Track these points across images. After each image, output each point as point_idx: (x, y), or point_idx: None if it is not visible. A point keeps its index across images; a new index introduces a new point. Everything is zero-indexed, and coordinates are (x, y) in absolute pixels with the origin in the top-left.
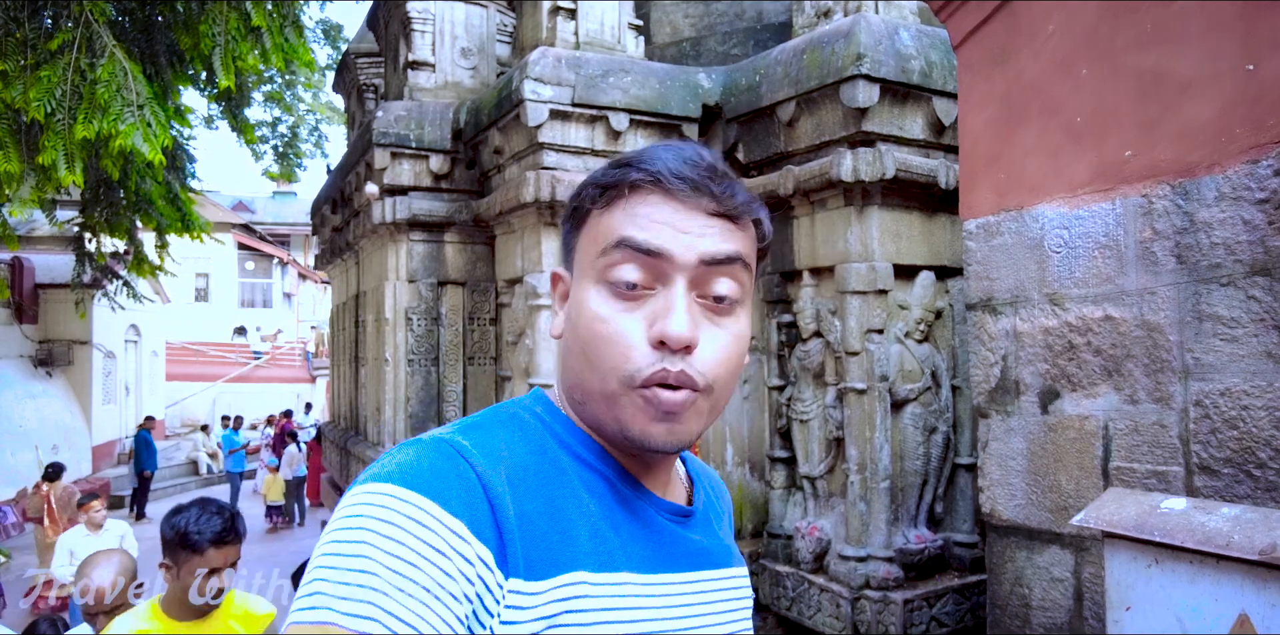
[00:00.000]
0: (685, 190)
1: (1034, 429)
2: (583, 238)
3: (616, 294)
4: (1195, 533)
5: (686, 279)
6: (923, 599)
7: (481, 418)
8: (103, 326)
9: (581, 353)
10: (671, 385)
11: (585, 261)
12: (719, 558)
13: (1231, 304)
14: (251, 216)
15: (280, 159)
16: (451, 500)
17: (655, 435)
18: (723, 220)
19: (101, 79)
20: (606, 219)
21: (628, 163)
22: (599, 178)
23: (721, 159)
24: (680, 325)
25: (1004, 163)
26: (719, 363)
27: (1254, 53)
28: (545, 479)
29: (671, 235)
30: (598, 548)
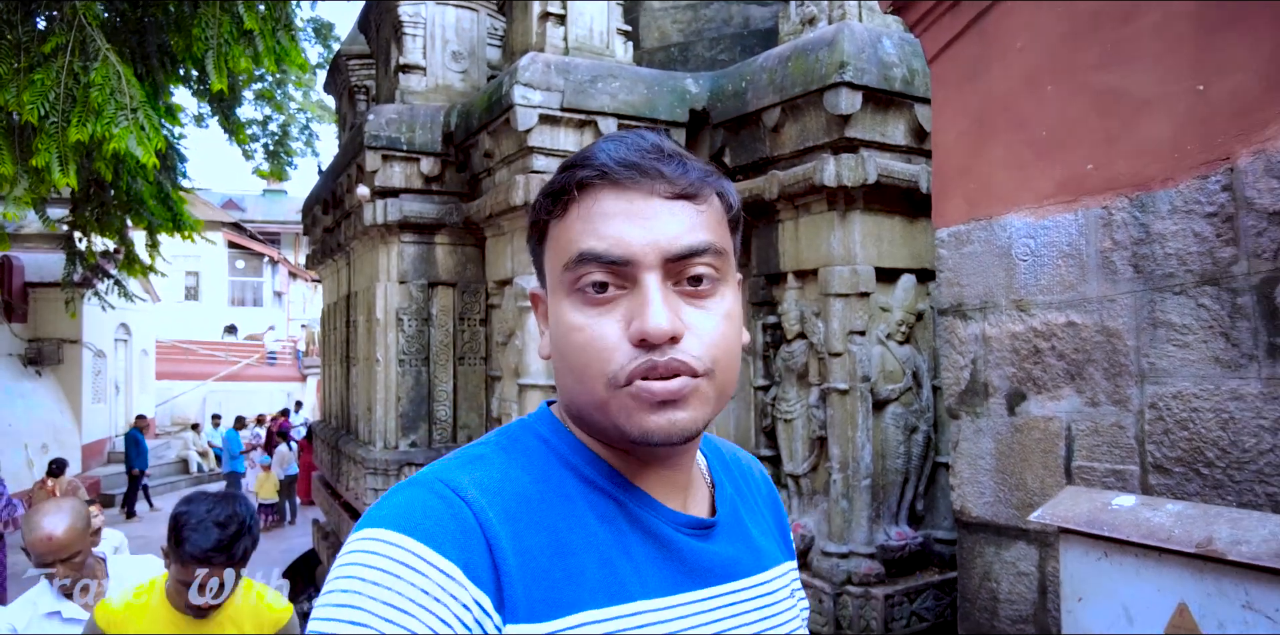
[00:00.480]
0: (635, 177)
1: (1001, 430)
2: (548, 252)
3: (588, 301)
4: (1141, 528)
5: (658, 273)
6: (903, 594)
7: (484, 446)
8: (93, 325)
9: (567, 367)
10: (662, 376)
11: (554, 277)
12: (747, 566)
13: (1183, 312)
14: (242, 215)
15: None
16: (445, 543)
17: (654, 428)
18: (682, 201)
19: (95, 82)
20: (564, 229)
21: (572, 163)
22: (548, 186)
23: (668, 139)
24: (659, 318)
25: (974, 174)
26: (713, 344)
27: (1204, 75)
28: (549, 510)
29: (631, 231)
30: (607, 579)
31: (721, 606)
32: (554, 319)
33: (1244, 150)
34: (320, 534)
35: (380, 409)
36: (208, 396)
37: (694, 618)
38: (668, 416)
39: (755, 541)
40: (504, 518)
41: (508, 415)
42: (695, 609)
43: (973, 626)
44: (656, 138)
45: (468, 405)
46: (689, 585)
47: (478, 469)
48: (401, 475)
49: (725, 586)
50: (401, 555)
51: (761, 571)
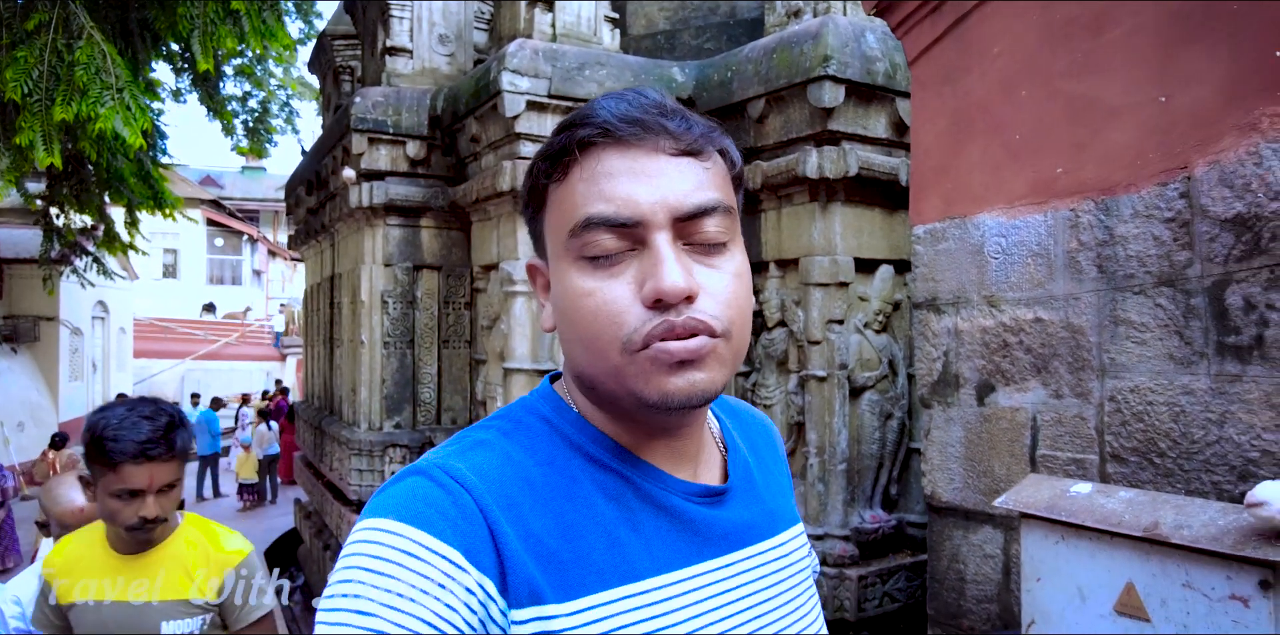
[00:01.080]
0: (639, 133)
1: (971, 419)
2: (548, 219)
3: (597, 265)
4: (1095, 513)
5: (668, 232)
6: (876, 575)
7: (486, 431)
8: (70, 302)
9: (575, 335)
10: (679, 336)
11: (557, 244)
12: (762, 529)
13: (1142, 310)
14: (220, 192)
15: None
16: (446, 530)
17: (675, 391)
18: (687, 158)
19: (79, 61)
20: (566, 192)
21: (570, 122)
22: (545, 148)
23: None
24: (674, 276)
25: (950, 174)
26: (728, 303)
27: (1167, 86)
28: (554, 492)
29: (639, 190)
30: (615, 559)
31: (736, 574)
32: (559, 288)
33: (1200, 160)
34: (302, 513)
35: (365, 390)
36: (186, 375)
37: (709, 588)
38: (687, 378)
39: (768, 504)
40: (506, 503)
41: (492, 399)
42: (710, 579)
43: (941, 606)
44: (657, 94)
45: (452, 388)
46: (703, 555)
47: (479, 454)
48: (386, 456)
49: (741, 552)
50: (402, 543)
51: (776, 534)
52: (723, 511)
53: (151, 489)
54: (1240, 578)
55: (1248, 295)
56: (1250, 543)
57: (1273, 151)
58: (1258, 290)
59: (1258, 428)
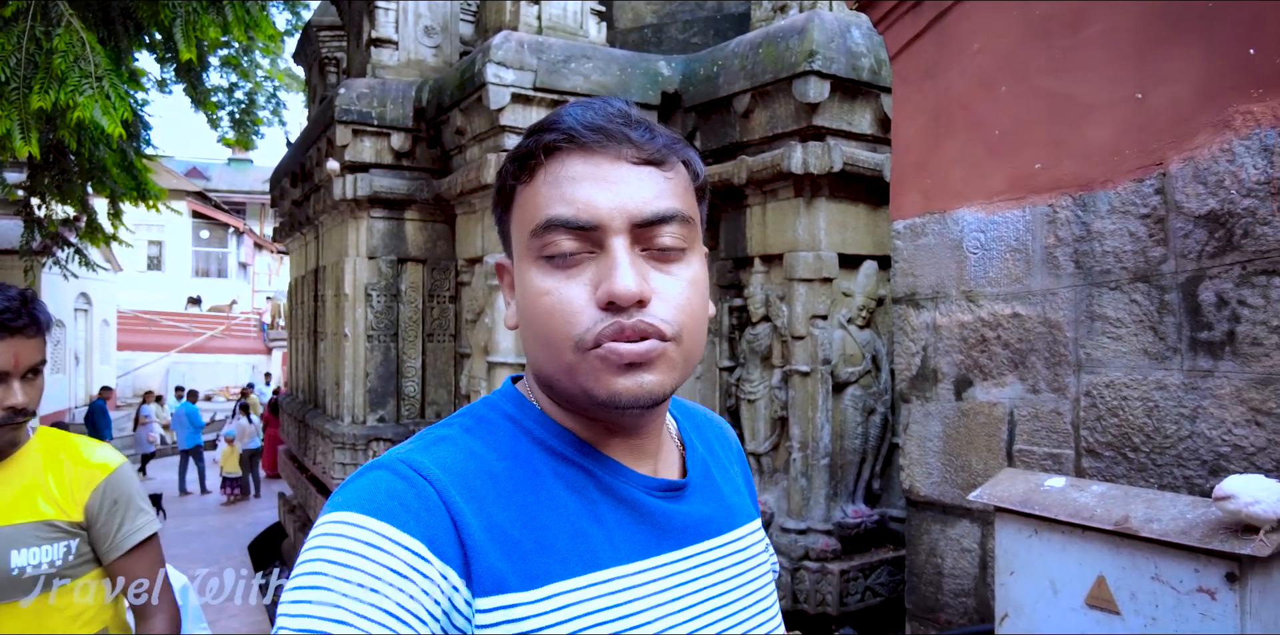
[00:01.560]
0: (601, 141)
1: (949, 414)
2: (514, 218)
3: (555, 265)
4: (1068, 507)
5: (626, 237)
6: (858, 570)
7: (448, 427)
8: (51, 294)
9: (533, 333)
10: (629, 339)
11: (520, 244)
12: (720, 524)
13: (1117, 306)
14: (206, 184)
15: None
16: (409, 521)
17: (622, 391)
18: (649, 167)
19: (58, 48)
20: (531, 194)
21: (538, 128)
22: (514, 151)
23: (634, 107)
24: (626, 281)
25: (931, 169)
26: (680, 308)
27: (1143, 83)
28: (517, 485)
29: (599, 195)
30: (579, 548)
31: (696, 566)
32: (521, 286)
33: (1175, 157)
34: (286, 507)
35: (349, 384)
36: (171, 368)
37: (669, 579)
38: (635, 379)
39: (727, 499)
40: (468, 495)
41: (476, 393)
42: (670, 570)
43: (919, 600)
44: (623, 104)
45: (436, 382)
46: (662, 547)
47: (441, 449)
48: (369, 450)
49: (699, 546)
50: (365, 535)
51: (733, 529)
52: (681, 506)
53: (17, 371)
54: (1208, 571)
55: (1220, 291)
56: (1218, 536)
57: (1246, 149)
58: (1230, 286)
59: (1228, 423)
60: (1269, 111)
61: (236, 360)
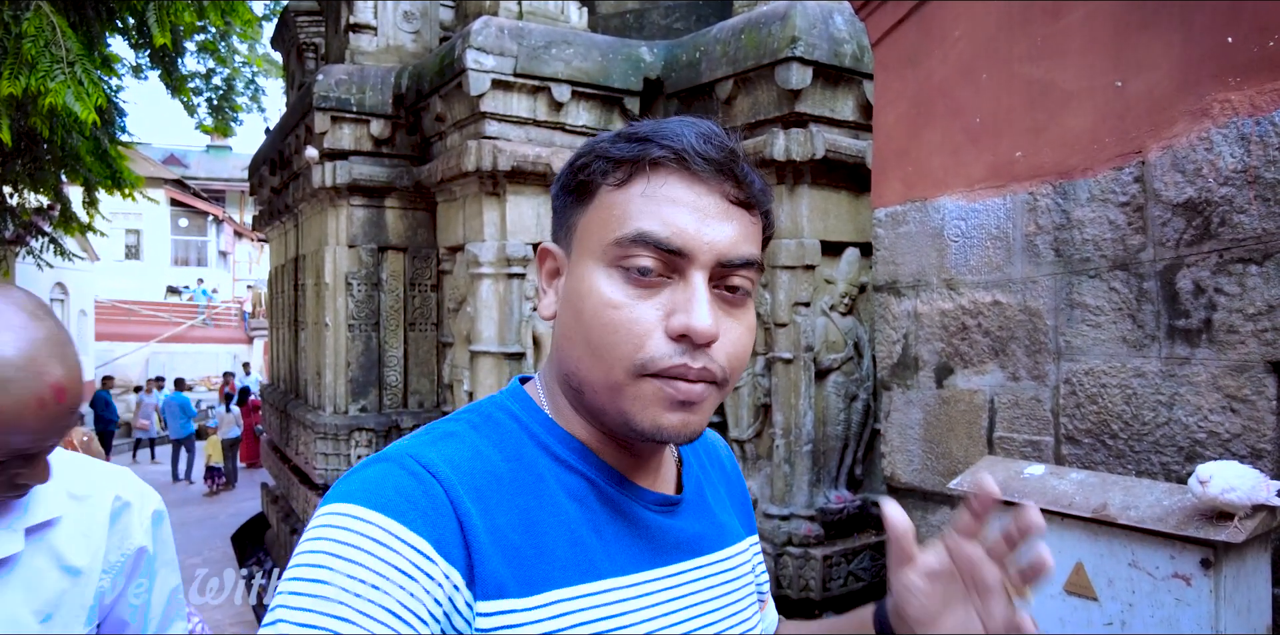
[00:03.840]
0: (709, 172)
1: (930, 401)
2: (590, 215)
3: (630, 280)
4: (1047, 494)
5: (707, 273)
6: (841, 555)
7: (455, 423)
8: (26, 284)
9: (585, 340)
10: (690, 378)
11: (593, 243)
12: (711, 542)
13: (1097, 294)
14: (185, 171)
15: (215, 112)
16: (416, 520)
17: (668, 426)
18: (741, 209)
19: (28, 33)
20: (621, 199)
21: (646, 137)
22: (612, 150)
23: (737, 141)
24: (705, 319)
25: (911, 157)
26: (735, 356)
27: (1122, 71)
28: (520, 488)
29: (695, 225)
30: (577, 557)
31: (686, 582)
32: (580, 286)
33: (1154, 145)
34: (269, 498)
35: (330, 374)
36: (150, 358)
37: (662, 594)
38: (682, 417)
39: (718, 517)
40: (474, 495)
41: (459, 381)
42: (663, 585)
43: None
44: (732, 140)
45: (419, 371)
46: (657, 562)
47: (449, 445)
48: (351, 440)
49: (691, 562)
50: (371, 531)
51: (725, 547)
52: (676, 521)
53: None
54: (1183, 557)
55: (1197, 279)
56: (1193, 523)
57: (1223, 137)
58: (1207, 274)
59: (1205, 410)
60: (1246, 100)
61: (217, 349)
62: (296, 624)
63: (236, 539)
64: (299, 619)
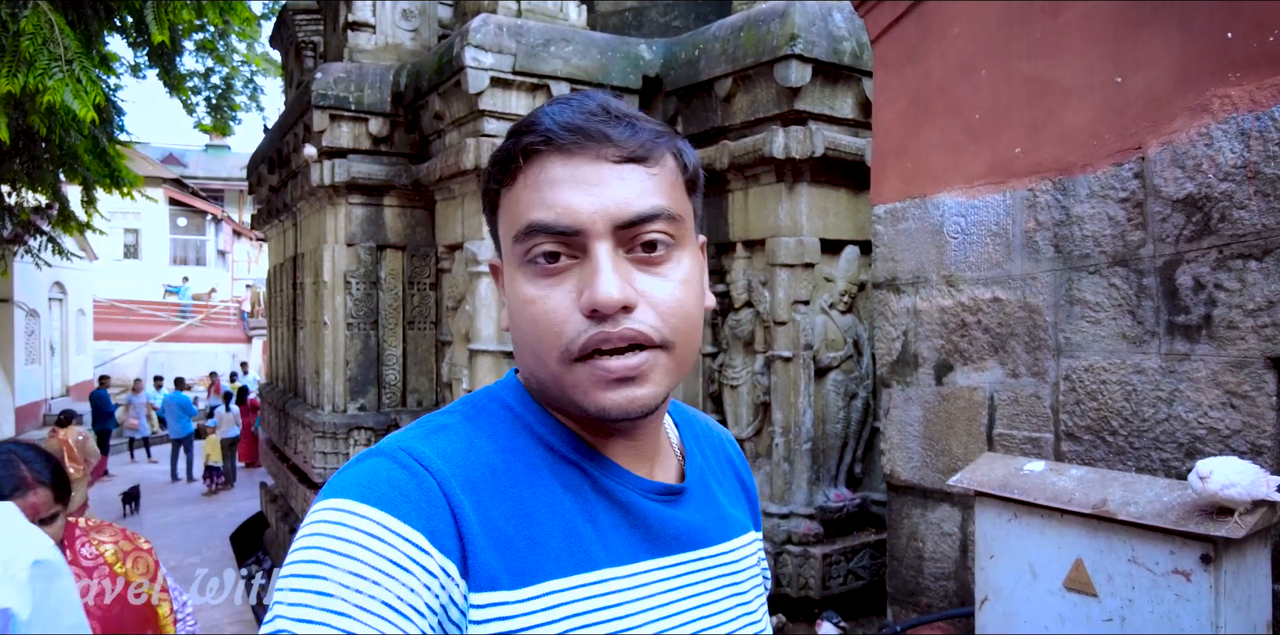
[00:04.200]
0: (580, 141)
1: (929, 398)
2: (500, 222)
3: (539, 272)
4: (1047, 491)
5: (609, 241)
6: (841, 553)
7: (449, 416)
8: (25, 283)
9: (522, 340)
10: (619, 349)
11: (506, 248)
12: (713, 534)
13: (1096, 290)
14: (183, 170)
15: (214, 111)
16: (411, 512)
17: (612, 405)
18: (631, 165)
19: (25, 31)
20: (513, 199)
21: (517, 130)
22: (495, 154)
23: (616, 100)
24: (609, 287)
25: (911, 154)
26: (670, 312)
27: (1121, 68)
28: (515, 480)
29: (579, 199)
30: (572, 548)
31: (686, 573)
32: (509, 291)
33: (1154, 141)
34: (268, 497)
35: (329, 372)
36: (149, 358)
37: (660, 584)
38: (625, 393)
39: (724, 510)
40: (468, 487)
41: (458, 380)
42: (661, 576)
43: (900, 584)
44: (603, 98)
45: (417, 369)
46: (654, 552)
47: (442, 438)
48: (350, 438)
49: (691, 554)
50: (365, 525)
51: (728, 540)
52: (677, 511)
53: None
54: (1183, 552)
55: (1197, 275)
56: (1193, 519)
57: (1223, 133)
58: (1206, 270)
59: (1204, 406)
60: (1246, 96)
61: (216, 349)
62: (297, 620)
63: (235, 538)
64: (299, 615)
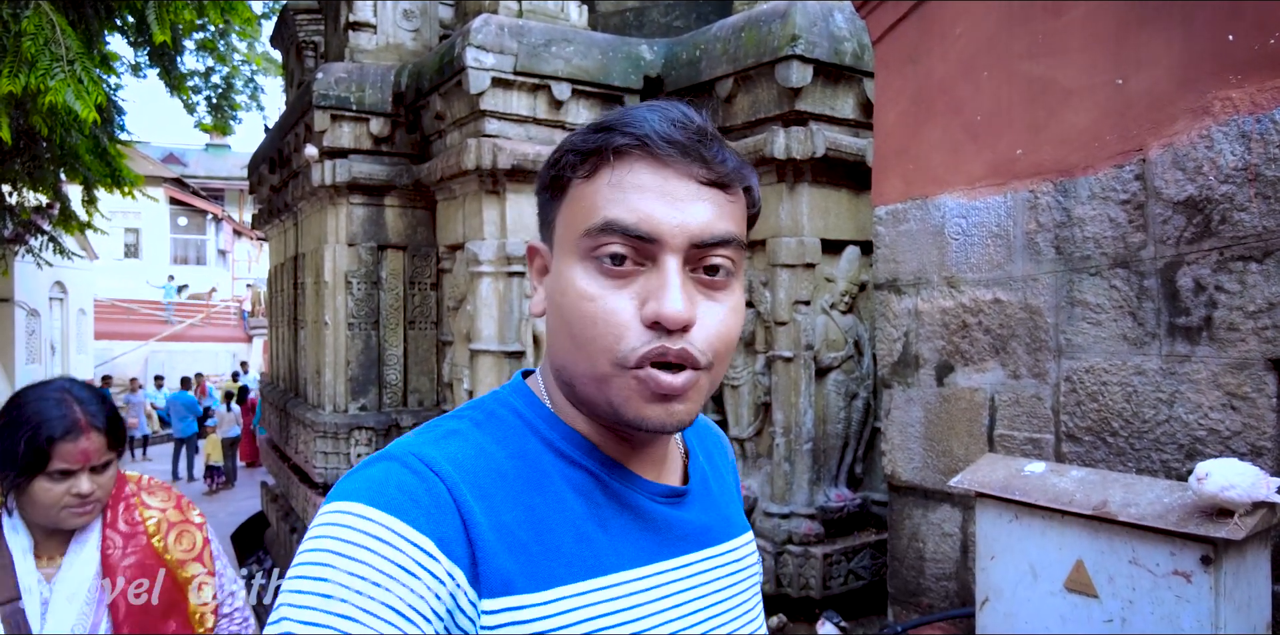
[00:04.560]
0: (675, 155)
1: (930, 399)
2: (564, 210)
3: (603, 271)
4: (1048, 492)
5: (680, 257)
6: (841, 553)
7: (458, 421)
8: (26, 283)
9: (568, 334)
10: (671, 364)
11: (568, 237)
12: (718, 533)
13: (1097, 291)
14: (184, 170)
15: (214, 111)
16: (419, 518)
17: (652, 417)
18: (713, 189)
19: (27, 31)
20: (589, 191)
21: (610, 126)
22: (579, 143)
23: (709, 121)
24: (676, 304)
25: (912, 155)
26: (718, 338)
27: (1123, 69)
28: (525, 485)
29: (663, 210)
30: (583, 553)
31: (696, 573)
32: (559, 281)
33: (1155, 142)
34: (269, 497)
35: (330, 372)
36: (150, 357)
37: (671, 586)
38: (668, 408)
39: (724, 510)
40: (479, 493)
41: (459, 380)
42: (672, 577)
43: (901, 584)
44: (701, 118)
45: (419, 369)
46: (664, 554)
47: (452, 444)
48: (351, 439)
49: (700, 553)
50: (374, 529)
51: (730, 538)
52: (684, 512)
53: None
54: (1183, 554)
55: (1198, 277)
56: (1193, 520)
57: (1224, 135)
58: (1207, 272)
59: (1205, 407)
60: (1247, 98)
61: (217, 348)
62: (301, 622)
63: (236, 538)
64: (303, 617)
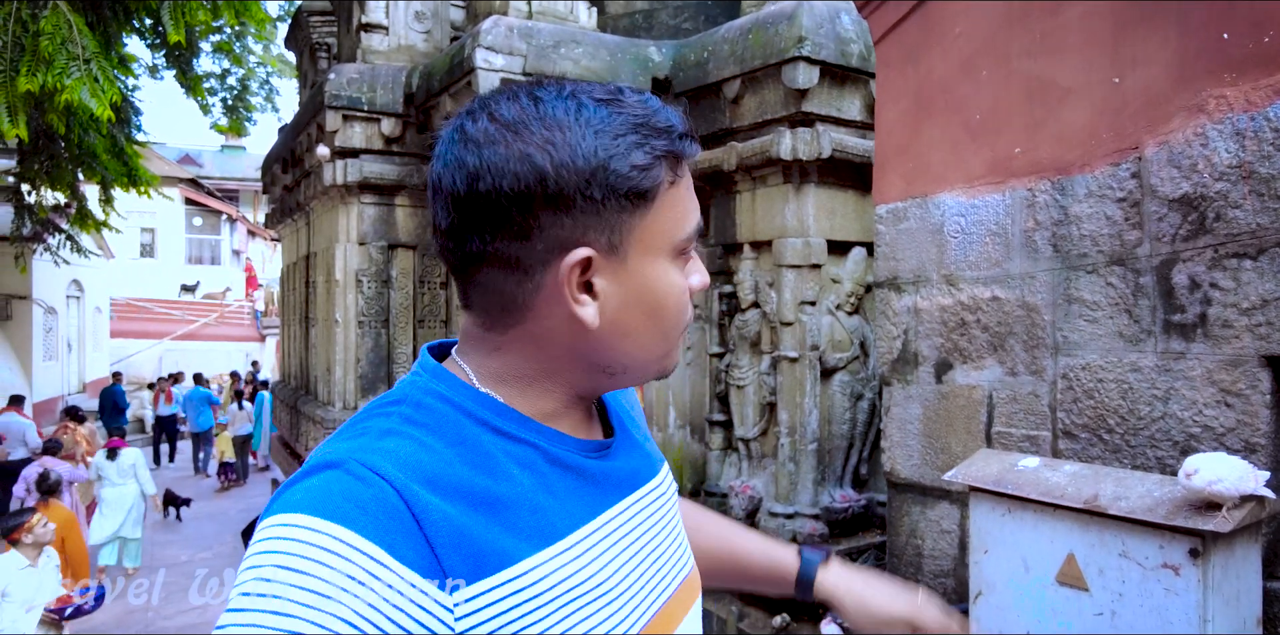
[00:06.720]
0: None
1: (929, 397)
2: (653, 216)
3: (681, 263)
4: (1040, 486)
5: None
6: (845, 554)
7: (386, 418)
8: (43, 281)
9: (660, 330)
10: None
11: (662, 242)
12: (645, 472)
13: (1094, 289)
14: (199, 171)
15: (229, 112)
16: (368, 526)
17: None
18: None
19: (45, 31)
20: (676, 196)
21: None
22: (660, 146)
23: None
24: (707, 274)
25: (912, 153)
26: None
27: (1120, 68)
28: (472, 470)
29: None
30: (539, 523)
31: (636, 514)
32: (657, 285)
33: (1151, 140)
34: None
35: (340, 370)
36: (164, 355)
37: (617, 532)
38: None
39: (643, 447)
40: (428, 489)
41: None
42: (617, 524)
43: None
44: None
45: None
46: (605, 503)
47: (390, 443)
48: None
49: (634, 495)
50: (322, 541)
51: (655, 475)
52: (614, 461)
53: None
54: (1172, 547)
55: (1193, 274)
56: (1182, 513)
57: (1219, 133)
58: (1202, 269)
59: (1199, 404)
60: (1241, 96)
61: (230, 347)
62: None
63: (246, 534)
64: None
